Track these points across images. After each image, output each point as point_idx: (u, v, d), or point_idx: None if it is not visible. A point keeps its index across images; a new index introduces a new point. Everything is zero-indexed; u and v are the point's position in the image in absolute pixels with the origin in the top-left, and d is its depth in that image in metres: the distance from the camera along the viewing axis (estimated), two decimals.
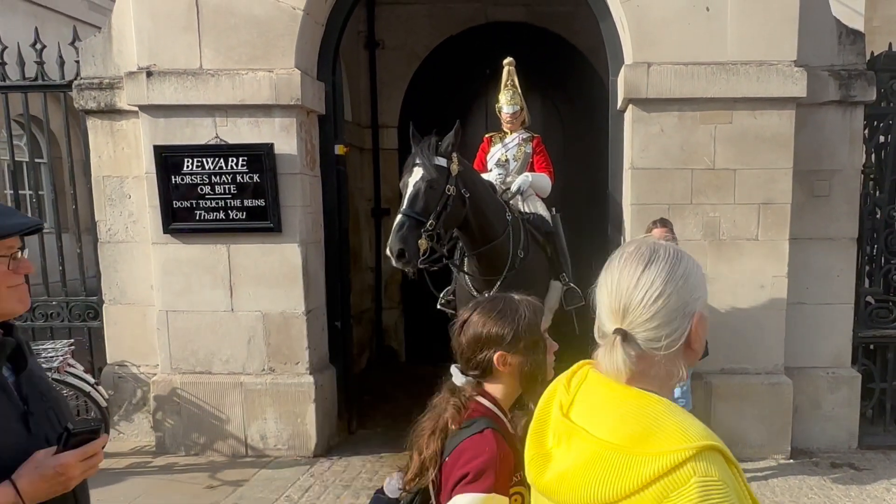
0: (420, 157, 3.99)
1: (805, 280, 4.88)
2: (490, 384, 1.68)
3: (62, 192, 6.38)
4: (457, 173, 4.00)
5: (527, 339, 1.63)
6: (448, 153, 4.02)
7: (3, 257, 1.40)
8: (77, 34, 5.33)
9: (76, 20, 9.03)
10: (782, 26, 4.53)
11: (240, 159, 4.82)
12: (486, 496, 1.50)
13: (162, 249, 4.99)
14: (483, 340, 1.64)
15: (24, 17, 9.40)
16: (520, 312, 1.64)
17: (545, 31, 7.16)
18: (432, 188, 3.90)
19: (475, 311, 1.68)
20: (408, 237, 3.80)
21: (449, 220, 4.04)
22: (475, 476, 1.52)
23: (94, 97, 5.10)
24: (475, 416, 1.62)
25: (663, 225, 4.39)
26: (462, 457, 1.56)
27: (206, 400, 5.06)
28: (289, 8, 4.72)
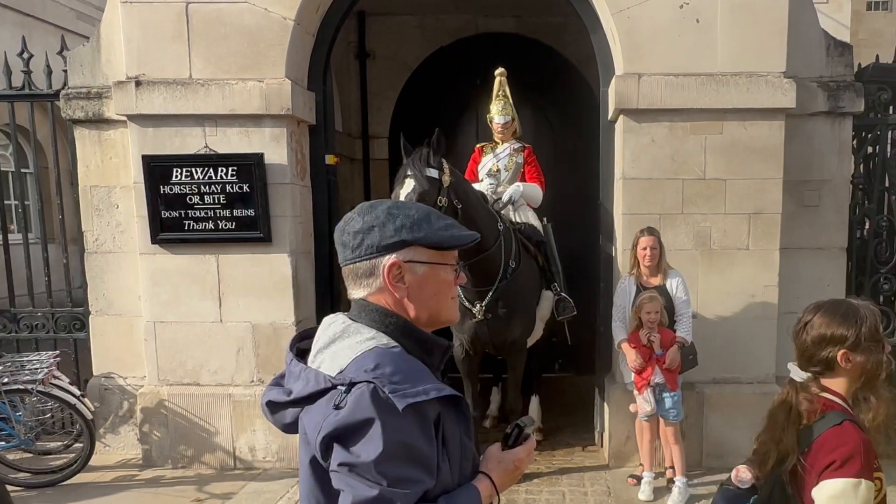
0: (411, 169, 3.99)
1: (796, 289, 4.88)
2: (830, 379, 1.84)
3: (48, 202, 6.33)
4: (448, 184, 4.01)
5: (869, 339, 1.78)
6: (439, 164, 4.00)
7: (450, 266, 1.41)
8: (65, 43, 5.31)
9: (64, 30, 8.99)
10: (772, 38, 4.57)
11: (229, 169, 4.80)
12: (856, 481, 1.66)
13: (150, 260, 4.95)
14: (827, 340, 1.80)
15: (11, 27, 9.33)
16: (861, 314, 1.78)
17: (536, 42, 7.19)
18: (423, 200, 3.90)
19: (818, 314, 1.82)
20: None
21: None
22: (842, 463, 1.67)
23: (82, 106, 5.07)
24: (825, 410, 1.79)
25: (650, 233, 4.42)
26: (825, 446, 1.72)
27: (194, 412, 5.01)
28: (279, 18, 4.71)
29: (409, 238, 1.35)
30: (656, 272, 4.44)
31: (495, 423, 5.85)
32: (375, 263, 1.35)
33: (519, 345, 4.79)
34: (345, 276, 1.41)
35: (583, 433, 5.57)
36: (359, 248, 1.35)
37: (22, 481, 4.79)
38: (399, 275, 1.35)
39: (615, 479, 4.74)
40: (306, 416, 1.29)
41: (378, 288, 1.36)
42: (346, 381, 1.23)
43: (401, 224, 1.35)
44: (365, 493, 1.17)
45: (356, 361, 1.26)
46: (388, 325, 1.34)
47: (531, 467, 4.96)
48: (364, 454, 1.18)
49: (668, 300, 4.38)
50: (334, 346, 1.32)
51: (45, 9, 10.45)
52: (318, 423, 1.23)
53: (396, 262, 1.34)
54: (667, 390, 4.33)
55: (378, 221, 1.35)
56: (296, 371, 1.35)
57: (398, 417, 1.19)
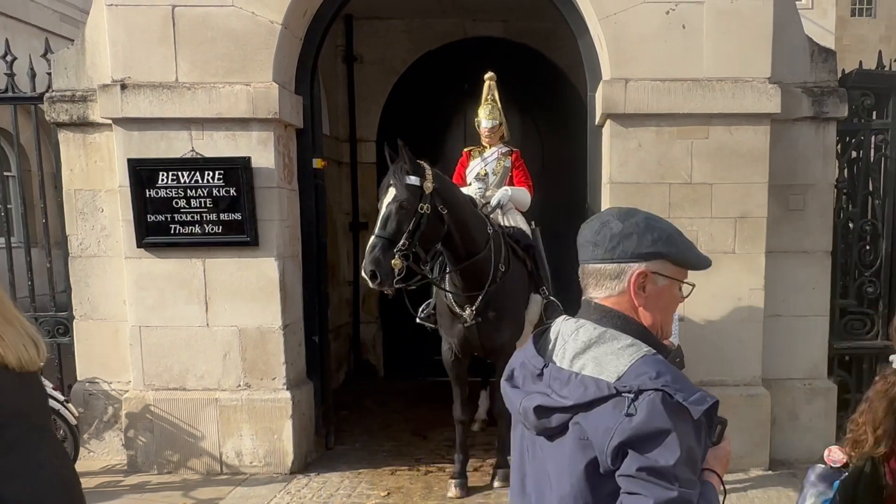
0: (393, 178, 4.02)
1: (781, 292, 4.94)
2: None
3: (32, 206, 6.26)
4: (431, 191, 4.00)
5: None
6: (421, 171, 4.01)
7: (678, 283, 1.46)
8: (49, 46, 5.25)
9: (48, 32, 8.88)
10: (757, 44, 4.62)
11: (216, 173, 4.77)
12: None
13: (135, 264, 4.91)
14: None
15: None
16: None
17: (524, 47, 7.22)
18: (403, 208, 3.94)
19: None
20: (380, 258, 3.86)
21: (426, 238, 4.06)
22: None
23: (67, 110, 5.02)
24: None
25: None
26: None
27: (180, 417, 4.97)
28: (266, 22, 4.70)
29: (664, 251, 1.41)
30: None
31: (484, 427, 5.85)
32: (624, 268, 1.40)
33: (508, 348, 4.78)
34: (585, 273, 1.45)
35: None
36: (613, 250, 1.39)
37: None
38: (643, 283, 1.40)
39: None
40: (586, 422, 1.31)
41: (620, 292, 1.41)
42: (632, 388, 1.27)
43: (658, 236, 1.40)
44: (666, 496, 1.23)
45: (634, 368, 1.30)
46: (632, 331, 1.39)
47: None
48: (662, 460, 1.24)
49: None
50: (593, 350, 1.36)
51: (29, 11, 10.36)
52: (609, 430, 1.27)
53: (644, 271, 1.40)
54: None
55: (638, 229, 1.40)
56: (563, 377, 1.36)
57: (688, 424, 1.26)
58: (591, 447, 1.30)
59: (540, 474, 1.42)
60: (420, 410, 6.40)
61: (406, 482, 4.83)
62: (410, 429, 5.96)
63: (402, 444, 5.62)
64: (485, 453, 5.25)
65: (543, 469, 1.41)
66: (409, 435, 5.83)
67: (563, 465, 1.35)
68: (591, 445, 1.30)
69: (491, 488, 4.69)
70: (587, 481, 1.32)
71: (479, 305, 4.44)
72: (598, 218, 1.47)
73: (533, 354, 1.46)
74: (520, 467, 1.52)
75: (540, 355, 1.46)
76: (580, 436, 1.32)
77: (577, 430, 1.32)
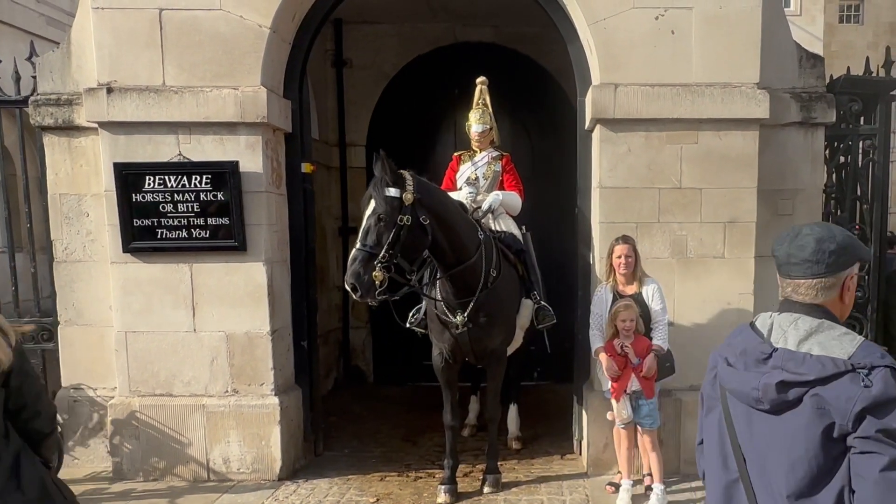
0: (373, 190, 4.01)
1: (771, 297, 4.85)
2: None
3: (16, 210, 6.18)
4: (412, 202, 3.98)
5: None
6: (401, 182, 3.99)
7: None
8: (34, 49, 5.21)
9: (33, 35, 8.85)
10: (745, 50, 4.63)
11: (203, 177, 4.74)
12: None
13: (121, 269, 4.86)
14: None
15: None
16: None
17: (514, 52, 7.23)
18: (382, 221, 3.93)
19: None
20: (360, 272, 3.87)
21: (408, 249, 4.04)
22: None
23: (52, 113, 4.97)
24: None
25: (625, 242, 4.42)
26: None
27: (166, 423, 4.92)
28: (255, 26, 4.68)
29: (865, 256, 1.78)
30: (632, 280, 4.45)
31: (474, 432, 5.83)
32: (840, 276, 1.69)
33: (499, 353, 4.78)
34: (803, 286, 1.70)
35: (561, 441, 5.57)
36: (832, 265, 1.68)
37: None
38: (850, 285, 1.72)
39: (594, 486, 4.73)
40: (826, 393, 1.56)
41: (833, 296, 1.71)
42: (865, 365, 1.54)
43: (854, 245, 1.72)
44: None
45: (861, 350, 1.57)
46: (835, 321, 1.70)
47: (509, 476, 4.94)
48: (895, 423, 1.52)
49: (644, 308, 4.39)
50: (816, 337, 1.63)
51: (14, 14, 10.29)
52: (851, 399, 1.53)
53: (853, 275, 1.73)
54: (643, 398, 4.33)
55: (847, 242, 1.70)
56: (798, 357, 1.61)
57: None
58: (829, 414, 1.56)
59: (763, 445, 1.68)
60: (410, 416, 6.37)
61: (395, 488, 4.80)
62: (400, 434, 5.93)
63: (391, 450, 5.59)
64: (475, 459, 5.23)
65: (766, 440, 1.67)
66: (398, 441, 5.80)
67: (798, 432, 1.60)
68: (828, 413, 1.56)
69: (481, 493, 4.67)
70: (821, 445, 1.57)
71: (471, 311, 4.41)
72: (803, 237, 1.70)
73: (759, 342, 1.71)
74: (720, 447, 1.79)
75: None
76: (818, 405, 1.57)
77: (816, 401, 1.57)
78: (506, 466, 5.07)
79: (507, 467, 5.08)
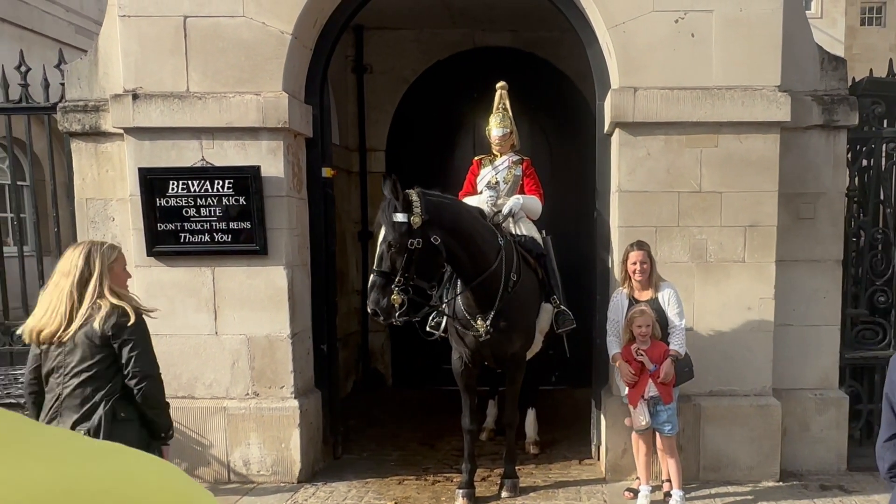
0: (382, 217, 4.06)
1: (792, 302, 4.90)
2: None
3: (44, 215, 6.32)
4: (420, 224, 3.99)
5: None
6: (408, 206, 4.01)
7: None
8: (63, 57, 5.31)
9: (62, 43, 9.01)
10: (766, 52, 4.61)
11: (226, 182, 4.80)
12: None
13: (145, 272, 4.93)
14: None
15: (9, 41, 9.37)
16: None
17: (532, 56, 7.24)
18: (393, 247, 3.97)
19: None
20: (379, 297, 3.97)
21: (423, 270, 4.07)
22: None
23: (79, 119, 5.06)
24: None
25: (640, 248, 4.39)
26: None
27: (188, 425, 4.97)
28: (277, 32, 4.74)
29: None
30: (647, 286, 4.42)
31: (492, 436, 5.82)
32: None
33: (518, 358, 4.78)
34: None
35: (579, 446, 5.55)
36: None
37: None
38: None
39: (612, 492, 4.71)
40: None
41: None
42: None
43: None
44: None
45: None
46: None
47: (527, 480, 4.93)
48: None
49: (660, 313, 4.36)
50: None
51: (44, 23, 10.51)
52: None
53: None
54: (661, 403, 4.31)
55: None
56: None
57: None
58: None
59: None
60: (428, 419, 6.38)
61: (413, 492, 4.81)
62: (418, 438, 5.94)
63: (409, 454, 5.60)
64: (492, 463, 5.22)
65: None
66: (416, 444, 5.81)
67: None
68: None
69: (499, 498, 4.67)
70: None
71: (492, 317, 4.41)
72: None
73: None
74: None
75: None
76: None
77: None
78: (523, 471, 5.06)
79: (525, 472, 5.08)
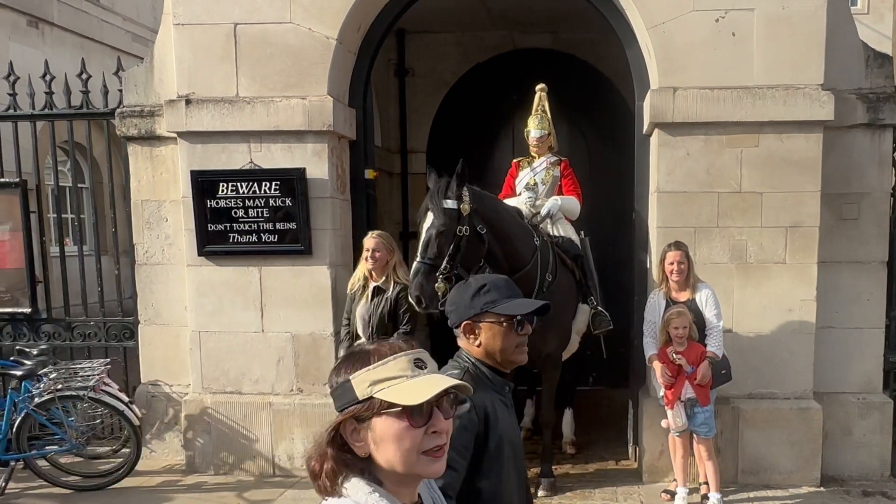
0: (431, 203, 4.12)
1: (834, 304, 4.81)
2: None
3: (102, 216, 6.59)
4: (469, 213, 4.07)
5: None
6: (458, 194, 4.08)
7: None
8: (121, 64, 5.54)
9: (120, 51, 9.38)
10: (809, 50, 4.55)
11: (273, 183, 4.94)
12: None
13: (196, 271, 5.11)
14: None
15: (71, 49, 9.79)
16: None
17: (571, 58, 7.24)
18: (442, 233, 4.03)
19: None
20: (423, 284, 4.01)
21: (467, 258, 4.13)
22: None
23: (136, 124, 5.27)
24: None
25: (678, 248, 4.36)
26: None
27: (235, 420, 5.14)
28: (322, 37, 4.87)
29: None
30: (685, 286, 4.39)
31: (528, 436, 5.84)
32: None
33: (554, 358, 4.80)
34: None
35: (616, 447, 5.55)
36: None
37: (72, 484, 4.97)
38: None
39: (649, 493, 4.70)
40: None
41: None
42: None
43: None
44: None
45: None
46: None
47: (564, 480, 4.95)
48: None
49: (697, 314, 4.33)
50: None
51: (104, 32, 10.94)
52: None
53: None
54: (698, 405, 4.29)
55: None
56: None
57: None
58: None
59: None
60: None
61: None
62: None
63: None
64: (529, 462, 5.18)
65: None
66: None
67: None
68: None
69: (535, 497, 4.68)
70: None
71: None
72: None
73: None
74: None
75: None
76: None
77: None
78: (560, 470, 5.08)
79: (562, 472, 5.10)
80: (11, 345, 5.55)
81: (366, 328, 4.44)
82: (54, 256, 6.00)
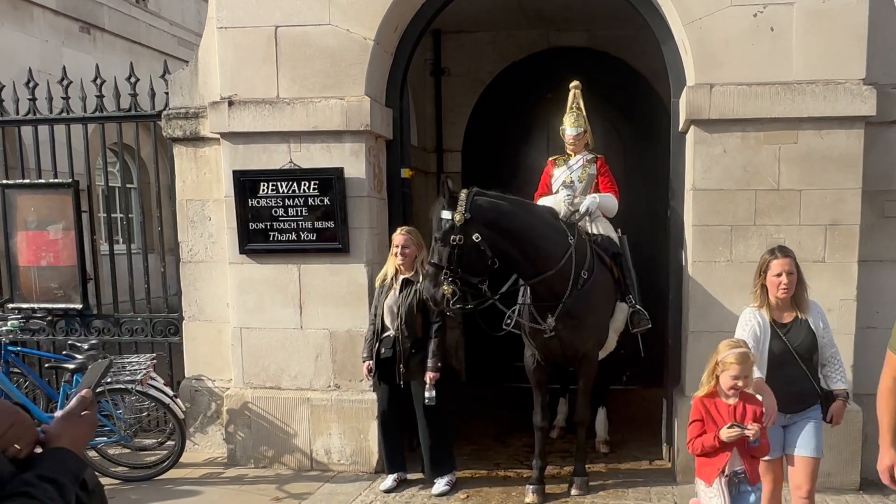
0: (432, 212, 4.30)
1: (876, 304, 4.68)
2: None
3: (149, 215, 6.79)
4: (462, 222, 4.12)
5: None
6: (453, 204, 4.16)
7: None
8: (167, 68, 5.69)
9: (166, 55, 9.65)
10: (850, 45, 4.46)
11: (311, 183, 5.04)
12: None
13: (238, 269, 5.24)
14: None
15: (120, 54, 10.13)
16: None
17: (606, 56, 7.22)
18: (438, 241, 4.19)
19: None
20: (430, 286, 4.20)
21: (468, 265, 4.20)
22: None
23: (181, 126, 5.42)
24: None
25: (785, 255, 3.42)
26: None
27: (275, 414, 5.25)
28: (360, 38, 4.94)
29: None
30: (791, 304, 3.44)
31: (562, 434, 5.85)
32: None
33: (590, 357, 4.76)
34: None
35: (650, 447, 5.51)
36: None
37: (120, 474, 5.15)
38: None
39: (682, 494, 4.64)
40: None
41: None
42: None
43: None
44: None
45: None
46: None
47: (597, 479, 4.94)
48: None
49: (810, 339, 3.43)
50: None
51: (150, 36, 11.29)
52: None
53: None
54: (746, 483, 3.12)
55: None
56: None
57: None
58: None
59: None
60: (500, 415, 6.47)
61: (485, 486, 4.90)
62: (490, 433, 6.03)
63: (481, 448, 5.70)
64: (562, 460, 5.24)
65: None
66: (489, 439, 5.91)
67: None
68: None
69: (568, 495, 4.69)
70: None
71: (560, 314, 4.44)
72: None
73: None
74: None
75: None
76: None
77: None
78: (593, 469, 5.07)
79: (595, 470, 5.08)
80: (64, 339, 5.76)
81: (394, 319, 4.62)
82: (104, 254, 6.22)
